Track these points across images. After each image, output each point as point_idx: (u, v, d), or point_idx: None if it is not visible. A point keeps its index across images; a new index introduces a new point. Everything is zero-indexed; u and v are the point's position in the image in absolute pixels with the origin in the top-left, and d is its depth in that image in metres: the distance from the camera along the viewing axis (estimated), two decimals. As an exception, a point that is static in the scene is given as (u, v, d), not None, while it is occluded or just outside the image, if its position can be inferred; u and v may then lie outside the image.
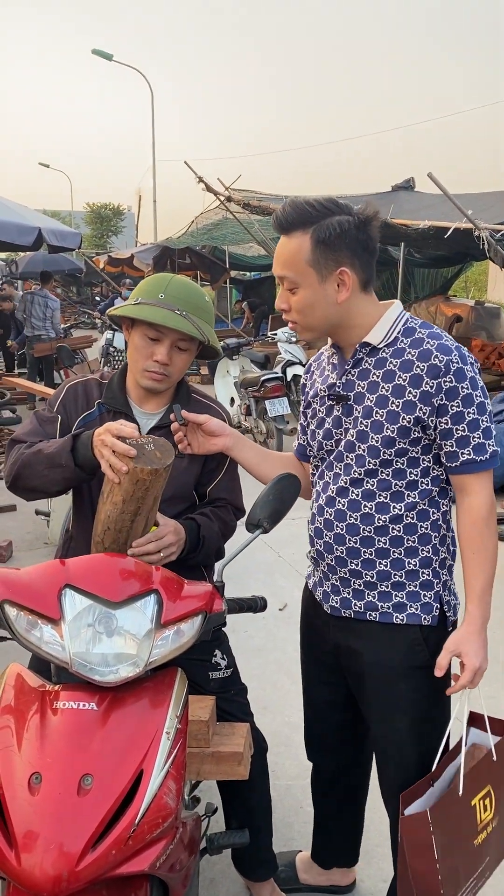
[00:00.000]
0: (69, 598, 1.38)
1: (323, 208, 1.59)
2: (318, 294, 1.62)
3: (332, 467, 1.75)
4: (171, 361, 1.77)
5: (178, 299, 1.75)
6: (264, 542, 5.03)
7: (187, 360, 1.82)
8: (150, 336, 1.75)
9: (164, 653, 1.40)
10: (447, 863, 1.55)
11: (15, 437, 1.86)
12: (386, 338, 1.65)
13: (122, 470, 1.52)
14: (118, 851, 1.20)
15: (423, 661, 1.69)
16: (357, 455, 1.68)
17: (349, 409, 1.70)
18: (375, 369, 1.65)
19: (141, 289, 1.80)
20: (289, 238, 1.62)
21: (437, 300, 13.65)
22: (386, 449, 1.63)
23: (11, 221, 7.11)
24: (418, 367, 1.59)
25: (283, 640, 3.67)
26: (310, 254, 1.59)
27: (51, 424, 1.85)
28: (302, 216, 1.59)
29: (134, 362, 1.81)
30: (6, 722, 1.34)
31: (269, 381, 7.33)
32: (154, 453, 1.56)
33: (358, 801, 2.14)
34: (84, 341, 10.34)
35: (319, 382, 1.81)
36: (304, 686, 2.05)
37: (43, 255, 16.75)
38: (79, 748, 1.27)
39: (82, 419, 1.85)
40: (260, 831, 1.98)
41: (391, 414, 1.62)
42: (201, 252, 15.31)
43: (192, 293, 1.79)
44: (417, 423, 1.61)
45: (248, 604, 1.64)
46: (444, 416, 1.59)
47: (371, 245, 1.63)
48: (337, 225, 1.57)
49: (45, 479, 1.73)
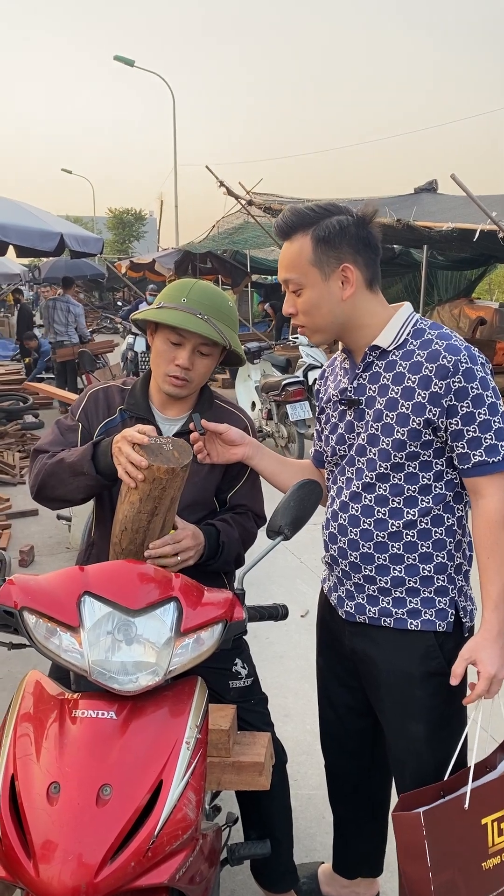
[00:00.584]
0: (88, 605, 1.37)
1: (322, 210, 1.62)
2: (323, 292, 1.62)
3: (345, 472, 1.74)
4: (192, 366, 1.76)
5: (200, 304, 1.74)
6: (286, 548, 5.00)
7: (210, 366, 1.81)
8: (173, 340, 1.74)
9: (183, 661, 1.39)
10: (444, 876, 1.50)
11: (38, 447, 1.86)
12: (395, 340, 1.64)
13: (138, 477, 1.52)
14: (137, 863, 1.19)
15: (438, 668, 1.66)
16: (368, 459, 1.67)
17: (361, 414, 1.68)
18: (385, 372, 1.64)
19: (164, 293, 1.80)
20: (290, 242, 1.63)
21: (461, 303, 13.56)
22: (397, 452, 1.61)
23: (34, 227, 7.17)
24: (427, 368, 1.58)
25: (305, 647, 3.64)
26: (311, 253, 1.60)
27: (72, 433, 1.86)
28: (301, 219, 1.61)
29: (156, 367, 1.80)
30: (25, 730, 1.33)
31: (291, 384, 7.30)
32: (172, 453, 1.56)
33: (380, 809, 2.11)
34: (106, 346, 10.40)
35: (332, 388, 1.81)
36: (321, 690, 2.03)
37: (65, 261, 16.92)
38: (98, 758, 1.26)
39: (104, 426, 1.84)
40: (280, 842, 1.95)
41: (401, 417, 1.60)
42: (222, 256, 15.32)
43: (216, 298, 1.78)
44: (428, 426, 1.59)
45: (270, 612, 1.62)
46: (453, 417, 1.57)
47: (373, 242, 1.63)
48: (336, 223, 1.59)
49: (69, 488, 1.74)
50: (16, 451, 7.53)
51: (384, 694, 1.74)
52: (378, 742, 1.96)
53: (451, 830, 1.53)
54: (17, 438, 8.05)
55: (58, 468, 1.73)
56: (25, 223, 7.12)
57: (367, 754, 2.00)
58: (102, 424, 1.85)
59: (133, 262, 19.64)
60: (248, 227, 13.19)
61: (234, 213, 12.93)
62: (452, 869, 1.53)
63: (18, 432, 8.24)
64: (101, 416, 1.86)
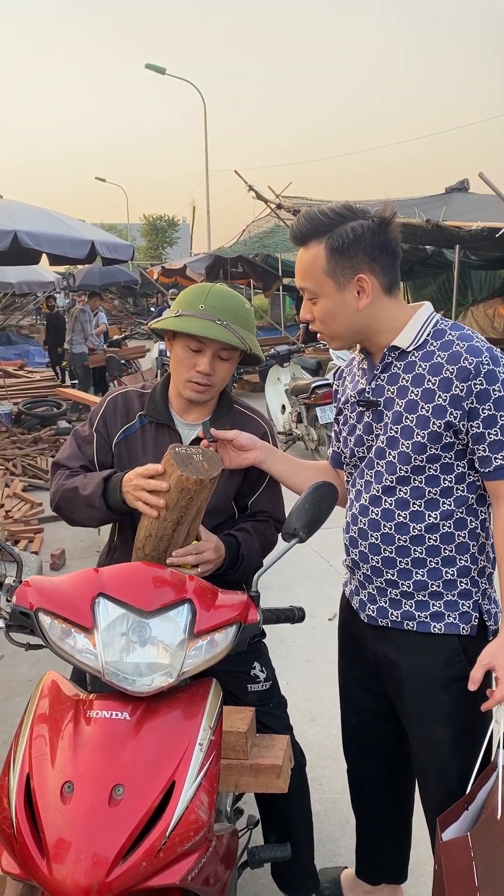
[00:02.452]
0: (102, 606, 1.38)
1: (336, 216, 1.58)
2: (338, 303, 1.60)
3: (364, 475, 1.73)
4: (213, 371, 1.76)
5: (218, 309, 1.74)
6: (314, 551, 4.98)
7: (230, 369, 1.81)
8: (192, 347, 1.75)
9: (197, 663, 1.39)
10: (488, 891, 1.48)
11: (57, 461, 1.89)
12: (415, 341, 1.61)
13: (160, 505, 1.56)
14: (149, 863, 1.19)
15: (462, 672, 1.63)
16: (387, 462, 1.65)
17: (379, 415, 1.67)
18: (405, 373, 1.62)
19: (181, 300, 1.80)
20: (306, 249, 1.61)
21: (495, 302, 13.37)
22: (417, 455, 1.60)
23: (65, 235, 7.25)
24: (448, 369, 1.55)
25: (332, 650, 3.56)
26: (325, 263, 1.58)
27: (88, 445, 1.88)
28: (316, 226, 1.58)
29: (177, 374, 1.80)
30: (41, 731, 1.35)
31: (320, 387, 7.28)
32: (202, 464, 1.56)
33: (404, 815, 2.08)
34: (137, 352, 10.51)
35: (350, 388, 1.79)
36: (343, 694, 2.02)
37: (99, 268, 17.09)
38: (111, 758, 1.27)
39: (122, 432, 1.86)
40: (300, 846, 1.94)
41: (421, 419, 1.58)
42: (253, 260, 15.36)
43: (233, 302, 1.78)
44: (449, 428, 1.56)
45: (286, 614, 1.61)
46: (475, 419, 1.55)
47: (390, 247, 1.60)
48: (350, 231, 1.56)
49: (83, 517, 1.80)
50: (49, 457, 7.63)
51: (408, 698, 1.73)
52: (402, 747, 1.94)
53: (490, 844, 1.51)
54: (50, 444, 8.16)
55: (73, 496, 1.77)
56: (57, 231, 7.21)
57: (391, 759, 1.99)
58: (121, 431, 1.86)
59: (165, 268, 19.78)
60: (278, 231, 13.21)
61: (264, 217, 12.97)
62: (494, 884, 1.50)
63: (52, 438, 8.35)
64: (119, 423, 1.87)
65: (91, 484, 1.73)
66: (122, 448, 1.85)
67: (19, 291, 16.61)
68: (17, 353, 14.83)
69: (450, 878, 1.50)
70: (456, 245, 8.93)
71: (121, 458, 1.85)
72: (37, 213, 7.60)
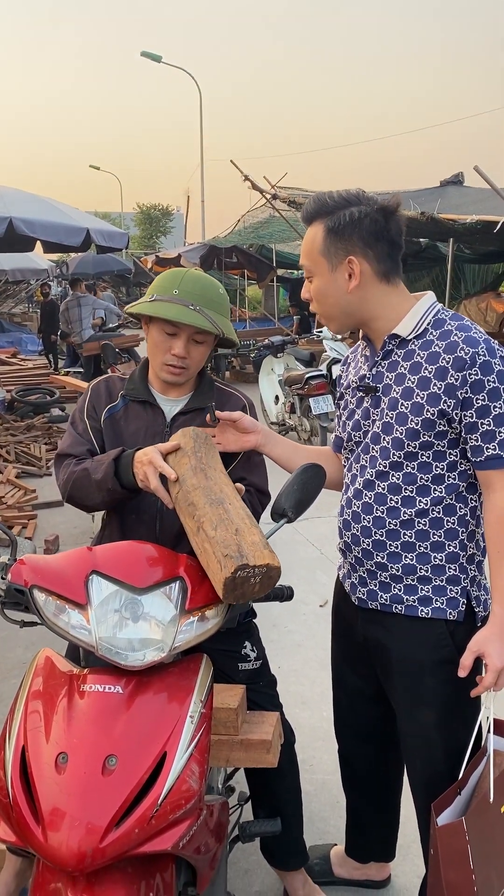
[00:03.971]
0: (95, 583, 1.41)
1: (342, 200, 1.62)
2: (329, 283, 1.65)
3: (360, 459, 1.76)
4: (188, 354, 1.81)
5: (191, 294, 1.78)
6: (306, 539, 5.03)
7: (205, 353, 1.86)
8: (168, 331, 1.80)
9: (188, 638, 1.42)
10: (483, 873, 1.52)
11: (60, 452, 1.92)
12: (415, 329, 1.64)
13: (171, 476, 1.58)
14: (141, 830, 1.23)
15: (449, 657, 1.67)
16: (382, 447, 1.68)
17: (377, 401, 1.70)
18: (404, 361, 1.65)
19: (156, 284, 1.85)
20: (310, 229, 1.66)
21: (488, 296, 13.38)
22: (410, 441, 1.62)
23: (60, 222, 7.25)
24: (444, 359, 1.58)
25: (323, 636, 3.64)
26: (321, 243, 1.63)
27: (87, 433, 1.91)
28: (320, 207, 1.64)
29: (153, 357, 1.85)
30: (35, 705, 1.38)
31: (314, 378, 7.31)
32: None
33: (393, 795, 2.13)
34: (131, 340, 10.48)
35: (352, 374, 1.83)
36: (335, 676, 2.05)
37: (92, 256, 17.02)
38: (104, 730, 1.30)
39: (107, 411, 1.90)
40: (290, 821, 1.98)
41: (416, 406, 1.61)
42: (248, 251, 15.33)
43: (206, 287, 1.82)
44: (442, 416, 1.59)
45: (275, 593, 1.64)
46: (468, 409, 1.57)
47: (389, 236, 1.63)
48: (348, 215, 1.60)
49: (96, 500, 1.80)
50: (42, 444, 7.64)
51: (396, 681, 1.76)
52: (391, 729, 1.98)
53: (484, 828, 1.54)
54: (43, 431, 8.17)
55: (84, 482, 1.78)
56: (52, 219, 7.20)
57: (381, 741, 2.02)
58: (106, 410, 1.90)
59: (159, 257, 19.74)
60: (273, 222, 13.20)
61: (259, 208, 12.95)
62: (488, 866, 1.54)
63: (45, 425, 8.36)
64: (104, 403, 1.92)
65: (101, 468, 1.75)
66: (108, 425, 1.90)
67: (12, 279, 16.55)
68: (9, 340, 14.81)
69: (445, 861, 1.54)
70: (450, 238, 8.95)
71: (107, 435, 1.89)
72: (32, 199, 7.59)
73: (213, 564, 1.41)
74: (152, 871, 1.31)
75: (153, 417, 1.88)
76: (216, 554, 1.40)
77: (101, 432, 1.90)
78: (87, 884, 1.23)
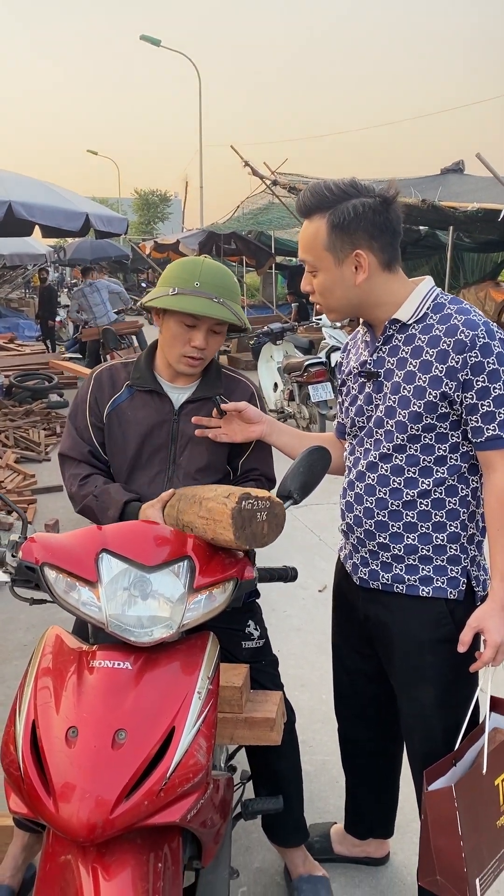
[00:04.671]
0: (105, 561, 1.43)
1: (340, 192, 1.62)
2: (336, 277, 1.65)
3: (363, 443, 1.78)
4: (207, 345, 1.82)
5: (213, 286, 1.78)
6: (304, 525, 5.05)
7: (220, 342, 1.88)
8: (187, 323, 1.79)
9: (196, 616, 1.44)
10: (471, 841, 1.56)
11: (62, 453, 1.95)
12: (416, 314, 1.66)
13: None
14: (150, 802, 1.25)
15: (448, 635, 1.69)
16: (386, 430, 1.70)
17: (379, 386, 1.72)
18: (405, 345, 1.67)
19: (173, 275, 1.82)
20: (309, 222, 1.66)
21: (487, 285, 13.36)
22: (413, 424, 1.64)
23: (59, 207, 7.20)
24: (445, 342, 1.60)
25: (322, 620, 3.70)
26: (326, 238, 1.62)
27: (86, 431, 1.92)
28: (320, 201, 1.63)
29: (171, 348, 1.84)
30: (45, 681, 1.40)
31: (313, 366, 7.30)
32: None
33: (392, 774, 2.16)
34: (131, 327, 10.46)
35: (353, 360, 1.84)
36: (335, 656, 2.08)
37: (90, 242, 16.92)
38: (114, 704, 1.32)
39: (111, 403, 1.90)
40: (290, 799, 2.01)
41: (418, 389, 1.63)
42: (247, 237, 15.28)
43: (224, 277, 1.83)
44: (444, 399, 1.61)
45: (279, 573, 1.67)
46: (469, 391, 1.59)
47: (391, 226, 1.64)
48: (352, 209, 1.60)
49: None
50: (41, 429, 7.65)
51: (397, 659, 1.79)
52: (391, 708, 2.01)
53: (474, 797, 1.58)
54: (42, 416, 8.16)
55: (92, 512, 1.83)
56: (51, 203, 7.16)
57: (380, 719, 2.05)
58: (110, 402, 1.90)
59: (157, 243, 19.63)
60: (272, 208, 13.15)
61: (258, 194, 12.90)
62: (477, 834, 1.57)
63: (44, 410, 8.36)
64: (107, 394, 1.91)
65: (107, 513, 1.79)
66: (114, 418, 1.90)
67: (10, 264, 16.44)
68: (6, 326, 14.74)
69: (434, 826, 1.58)
70: (450, 227, 8.94)
71: (112, 427, 1.89)
72: (31, 183, 7.54)
73: (218, 511, 1.47)
74: (160, 843, 1.34)
75: (160, 406, 1.88)
76: (218, 500, 1.47)
77: (103, 430, 1.90)
78: (97, 854, 1.26)
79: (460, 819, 1.53)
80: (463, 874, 1.54)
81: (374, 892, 2.17)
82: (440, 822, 1.56)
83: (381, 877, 2.22)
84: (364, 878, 2.22)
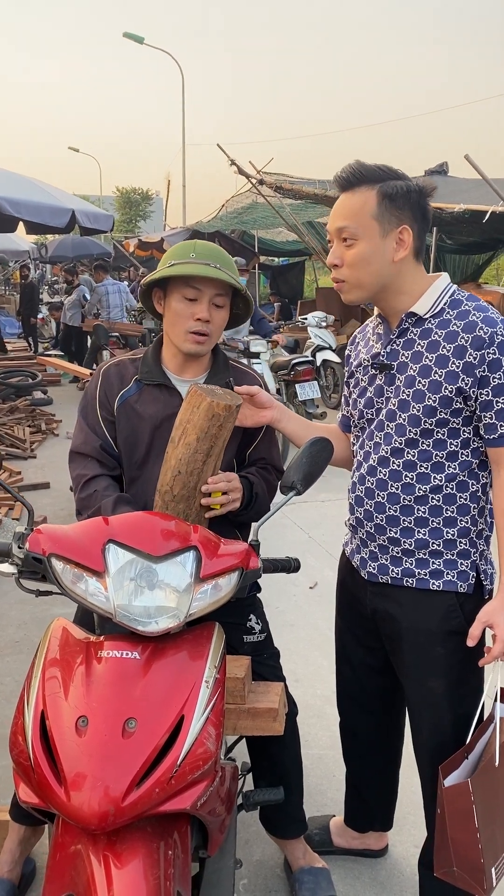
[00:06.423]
0: (112, 552, 1.43)
1: (389, 170, 1.66)
2: (378, 248, 1.65)
3: (373, 436, 1.78)
4: (211, 318, 1.81)
5: (208, 256, 1.80)
6: (294, 524, 5.07)
7: (224, 318, 1.87)
8: (188, 296, 1.80)
9: (202, 606, 1.45)
10: (487, 833, 1.58)
11: (74, 449, 1.95)
12: (432, 308, 1.67)
13: None
14: (161, 790, 1.25)
15: (458, 627, 1.71)
16: (398, 424, 1.71)
17: (391, 378, 1.73)
18: (420, 339, 1.68)
19: (170, 255, 1.85)
20: (352, 193, 1.65)
21: (469, 287, 13.47)
22: (427, 418, 1.66)
23: (45, 203, 7.17)
24: (463, 338, 1.62)
25: (315, 616, 3.72)
26: (375, 207, 1.63)
27: (98, 426, 1.92)
28: (369, 173, 1.65)
29: (174, 326, 1.84)
30: (53, 673, 1.40)
31: (300, 364, 7.33)
32: (225, 395, 1.67)
33: (393, 766, 2.18)
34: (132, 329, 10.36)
35: (364, 352, 1.85)
36: (339, 651, 2.09)
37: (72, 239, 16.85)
38: (123, 694, 1.32)
39: (120, 397, 1.90)
40: (291, 791, 2.02)
41: (433, 384, 1.64)
42: (231, 236, 15.29)
43: (220, 251, 1.85)
44: (459, 394, 1.63)
45: (283, 564, 1.68)
46: (485, 387, 1.61)
47: (427, 215, 1.67)
48: (403, 185, 1.63)
49: None
50: (26, 426, 7.61)
51: (406, 651, 1.80)
52: (394, 702, 2.03)
53: (489, 789, 1.60)
54: (26, 414, 8.12)
55: None
56: (37, 199, 7.12)
57: (383, 712, 2.07)
58: (119, 396, 1.90)
59: (141, 241, 19.53)
60: (256, 208, 13.17)
61: (243, 193, 12.92)
62: (492, 825, 1.60)
63: (28, 408, 8.31)
64: (116, 389, 1.91)
65: None
66: (122, 412, 1.90)
67: (-7, 260, 16.33)
68: (-12, 323, 14.62)
69: (451, 820, 1.60)
70: (434, 227, 9.00)
71: (122, 421, 1.90)
72: (16, 179, 7.50)
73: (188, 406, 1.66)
74: (170, 831, 1.34)
75: (169, 399, 1.88)
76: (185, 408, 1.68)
77: (115, 423, 1.91)
78: (107, 843, 1.26)
79: (476, 812, 1.55)
80: (479, 864, 1.56)
81: (374, 883, 2.19)
82: (457, 815, 1.58)
83: (380, 868, 2.24)
84: (363, 870, 2.23)
